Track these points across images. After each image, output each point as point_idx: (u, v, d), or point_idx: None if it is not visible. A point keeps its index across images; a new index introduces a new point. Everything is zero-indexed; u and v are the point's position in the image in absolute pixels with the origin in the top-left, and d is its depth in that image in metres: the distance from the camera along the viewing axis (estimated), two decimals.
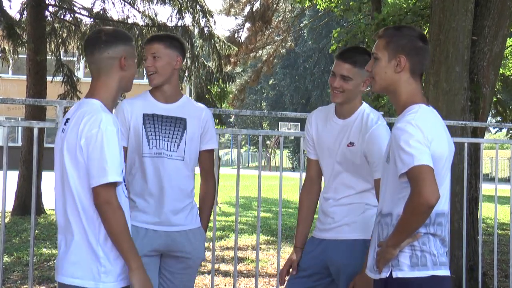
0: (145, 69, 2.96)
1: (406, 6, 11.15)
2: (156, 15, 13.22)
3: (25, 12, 11.96)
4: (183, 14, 13.25)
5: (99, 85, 2.38)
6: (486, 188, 10.66)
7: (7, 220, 10.14)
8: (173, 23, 13.26)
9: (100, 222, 2.25)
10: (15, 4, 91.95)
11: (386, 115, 5.88)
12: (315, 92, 43.16)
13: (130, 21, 13.06)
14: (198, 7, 13.41)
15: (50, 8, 12.37)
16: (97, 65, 2.37)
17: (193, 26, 13.63)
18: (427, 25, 8.65)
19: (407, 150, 2.16)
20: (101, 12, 12.78)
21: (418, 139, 2.18)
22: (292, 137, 22.96)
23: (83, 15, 12.97)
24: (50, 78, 12.05)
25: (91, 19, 12.84)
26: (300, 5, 16.53)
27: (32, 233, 3.48)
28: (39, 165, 6.18)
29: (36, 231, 8.90)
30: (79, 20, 12.83)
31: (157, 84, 2.96)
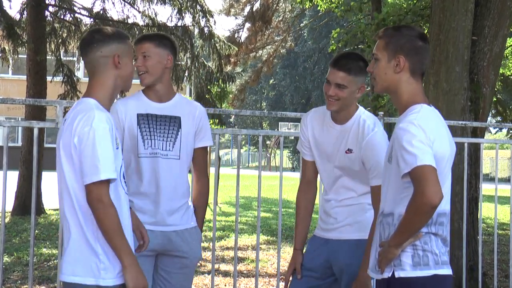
0: (136, 69, 2.92)
1: (406, 6, 11.13)
2: (156, 15, 13.23)
3: (25, 12, 11.96)
4: (183, 14, 13.25)
5: (95, 84, 2.39)
6: (486, 188, 10.66)
7: (7, 220, 10.14)
8: (173, 23, 13.27)
9: None
10: (15, 4, 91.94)
11: (386, 115, 5.88)
12: (315, 92, 43.13)
13: (130, 21, 13.07)
14: (198, 7, 13.41)
15: (50, 8, 12.37)
16: (92, 65, 2.39)
17: (193, 26, 13.63)
18: (427, 25, 8.65)
19: (410, 150, 2.16)
20: (101, 12, 12.79)
21: (421, 139, 2.17)
22: (292, 137, 22.91)
23: (83, 15, 12.97)
24: (50, 78, 12.04)
25: (91, 19, 12.84)
26: (301, 6, 16.53)
27: (32, 233, 3.48)
28: (39, 165, 6.19)
29: (36, 231, 8.89)
30: (79, 20, 12.83)
31: (148, 84, 2.95)
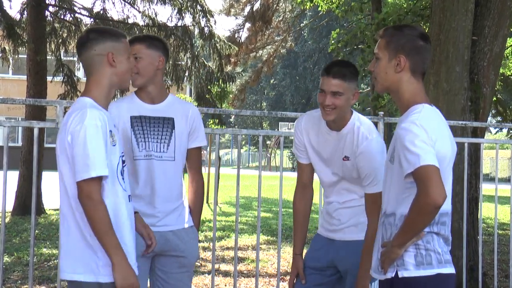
0: None
1: (406, 6, 11.15)
2: (156, 15, 13.23)
3: (25, 12, 11.96)
4: (183, 14, 13.25)
5: (91, 83, 2.41)
6: (486, 188, 10.66)
7: (7, 220, 10.15)
8: (173, 23, 13.28)
9: None
10: (15, 4, 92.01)
11: (386, 115, 5.88)
12: (315, 92, 42.95)
13: (130, 21, 13.07)
14: (198, 7, 13.41)
15: (50, 8, 12.37)
16: (87, 63, 2.41)
17: (193, 26, 13.62)
18: (427, 25, 8.64)
19: (413, 150, 2.15)
20: (101, 12, 12.80)
21: (423, 139, 2.17)
22: (292, 137, 22.89)
23: (83, 15, 12.98)
24: (50, 78, 12.05)
25: (91, 19, 12.84)
26: (302, 7, 16.53)
27: (32, 233, 3.48)
28: (39, 165, 6.19)
29: (36, 231, 8.90)
30: (79, 20, 12.83)
31: (140, 85, 2.94)
